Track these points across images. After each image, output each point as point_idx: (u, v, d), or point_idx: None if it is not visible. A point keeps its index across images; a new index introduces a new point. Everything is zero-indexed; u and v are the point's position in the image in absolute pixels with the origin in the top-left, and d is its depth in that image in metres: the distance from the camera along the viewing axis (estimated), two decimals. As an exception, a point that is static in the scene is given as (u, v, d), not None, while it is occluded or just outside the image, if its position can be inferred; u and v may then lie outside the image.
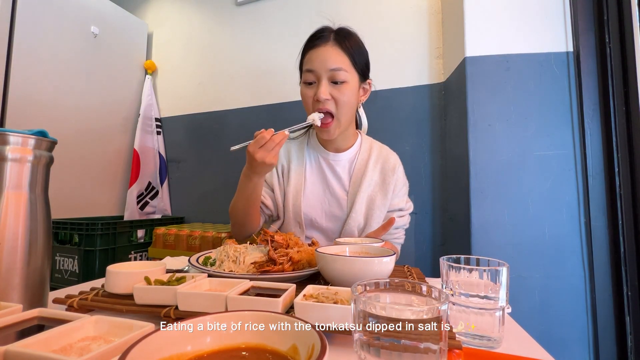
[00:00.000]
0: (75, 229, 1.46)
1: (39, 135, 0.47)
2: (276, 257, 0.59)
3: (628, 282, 1.02)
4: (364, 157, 0.94)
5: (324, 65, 0.82)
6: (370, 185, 0.91)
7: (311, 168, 0.96)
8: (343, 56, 0.83)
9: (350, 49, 0.84)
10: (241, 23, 1.87)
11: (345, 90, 0.83)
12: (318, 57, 0.83)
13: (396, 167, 0.93)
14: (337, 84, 0.82)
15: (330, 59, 0.82)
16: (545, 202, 1.12)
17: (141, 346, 0.23)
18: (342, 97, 0.82)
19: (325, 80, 0.82)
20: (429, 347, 0.29)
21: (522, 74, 1.16)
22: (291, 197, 0.93)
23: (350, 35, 0.86)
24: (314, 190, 0.94)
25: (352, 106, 0.86)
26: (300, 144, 0.99)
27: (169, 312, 0.44)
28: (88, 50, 1.71)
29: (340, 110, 0.84)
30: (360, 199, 0.90)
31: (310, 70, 0.84)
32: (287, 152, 0.98)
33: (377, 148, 0.97)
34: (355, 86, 0.86)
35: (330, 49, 0.83)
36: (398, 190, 0.93)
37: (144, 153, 1.90)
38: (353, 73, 0.84)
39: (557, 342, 1.08)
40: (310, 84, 0.85)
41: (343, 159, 0.94)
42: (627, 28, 1.04)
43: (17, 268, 0.43)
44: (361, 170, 0.92)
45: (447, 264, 0.46)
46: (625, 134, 1.04)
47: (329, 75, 0.82)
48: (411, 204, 0.99)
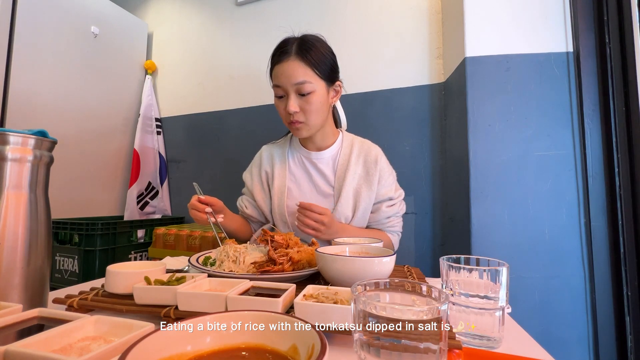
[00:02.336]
0: (75, 229, 1.46)
1: (39, 135, 0.47)
2: (276, 257, 0.59)
3: (628, 282, 1.01)
4: (346, 152, 0.98)
5: (289, 80, 0.85)
6: (354, 179, 0.94)
7: (295, 168, 1.00)
8: (306, 69, 0.85)
9: (312, 60, 0.86)
10: (241, 23, 1.87)
11: (312, 100, 0.87)
12: (283, 73, 0.86)
13: (378, 158, 0.96)
14: (304, 95, 0.86)
15: (294, 74, 0.85)
16: (545, 202, 1.12)
17: (141, 346, 0.23)
18: (309, 107, 0.87)
19: (293, 94, 0.87)
20: (429, 347, 0.29)
21: (522, 74, 1.16)
22: (276, 198, 0.97)
23: (311, 45, 0.88)
24: (300, 189, 0.98)
25: (321, 112, 0.90)
26: (282, 148, 1.04)
27: (169, 312, 0.44)
28: (88, 50, 1.71)
29: (309, 117, 0.88)
30: (345, 192, 0.93)
31: (278, 85, 0.88)
32: (270, 157, 1.03)
33: (358, 143, 1.00)
34: (323, 93, 0.89)
35: (292, 64, 0.85)
36: (384, 180, 0.96)
37: (144, 153, 1.90)
38: (318, 82, 0.87)
39: (557, 342, 1.08)
40: (281, 97, 0.90)
41: (326, 157, 0.98)
42: (627, 28, 1.04)
43: (17, 268, 0.43)
44: (344, 165, 0.96)
45: (447, 264, 0.46)
46: (625, 134, 1.04)
47: (294, 89, 0.86)
48: (402, 191, 1.00)
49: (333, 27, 1.65)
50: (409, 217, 1.44)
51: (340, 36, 1.62)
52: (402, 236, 1.05)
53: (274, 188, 0.98)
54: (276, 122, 1.61)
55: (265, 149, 1.07)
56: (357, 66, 1.58)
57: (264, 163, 1.03)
